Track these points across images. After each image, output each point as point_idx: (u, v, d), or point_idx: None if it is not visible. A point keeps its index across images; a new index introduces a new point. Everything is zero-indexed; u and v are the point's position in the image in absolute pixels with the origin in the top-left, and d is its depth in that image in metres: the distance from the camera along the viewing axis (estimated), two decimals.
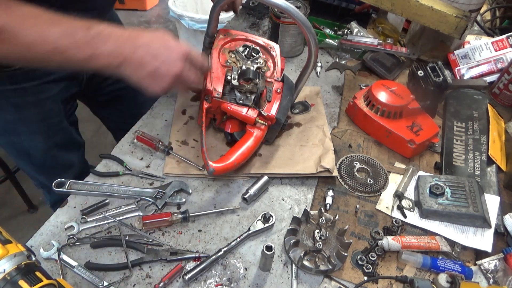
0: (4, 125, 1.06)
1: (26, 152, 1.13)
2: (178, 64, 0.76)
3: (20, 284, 0.58)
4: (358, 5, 1.48)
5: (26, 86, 0.98)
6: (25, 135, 1.08)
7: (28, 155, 1.14)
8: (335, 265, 0.81)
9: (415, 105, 1.09)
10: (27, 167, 1.22)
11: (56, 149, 1.16)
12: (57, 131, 1.14)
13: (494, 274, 0.84)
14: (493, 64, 1.29)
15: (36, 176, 1.26)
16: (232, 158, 0.90)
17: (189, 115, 1.13)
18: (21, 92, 0.99)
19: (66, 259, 0.81)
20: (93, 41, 0.71)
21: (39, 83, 1.01)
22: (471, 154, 1.06)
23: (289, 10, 0.87)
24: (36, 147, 1.12)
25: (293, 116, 1.15)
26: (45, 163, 1.17)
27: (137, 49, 0.74)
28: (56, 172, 1.18)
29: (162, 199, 0.92)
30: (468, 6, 1.20)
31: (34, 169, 1.21)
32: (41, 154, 1.14)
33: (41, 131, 1.10)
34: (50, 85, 1.04)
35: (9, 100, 1.00)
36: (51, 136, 1.13)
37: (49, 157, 1.16)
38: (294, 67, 1.35)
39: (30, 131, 1.08)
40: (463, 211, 0.90)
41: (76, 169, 1.25)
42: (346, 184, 1.00)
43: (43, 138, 1.11)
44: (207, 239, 0.87)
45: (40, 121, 1.07)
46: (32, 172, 1.24)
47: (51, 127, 1.12)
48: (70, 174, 1.23)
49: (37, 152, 1.13)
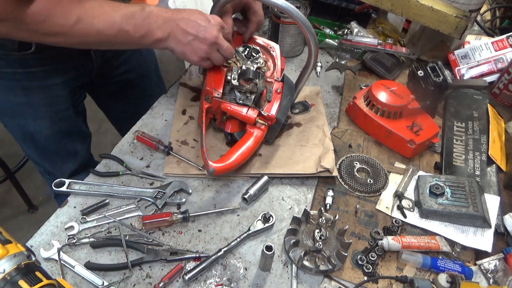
0: (12, 107, 1.09)
1: (31, 135, 1.15)
2: (214, 31, 0.86)
3: (20, 284, 0.58)
4: (358, 5, 1.48)
5: (35, 70, 1.02)
6: (31, 119, 1.11)
7: (32, 139, 1.17)
8: (335, 265, 0.81)
9: (415, 105, 1.09)
10: (30, 151, 1.25)
11: (61, 135, 1.18)
12: (63, 118, 1.17)
13: (494, 274, 0.84)
14: (493, 64, 1.29)
15: (39, 162, 1.28)
16: (232, 158, 0.90)
17: (189, 115, 1.13)
18: (30, 76, 1.02)
19: (66, 259, 0.81)
20: (147, 20, 0.83)
21: (49, 69, 1.04)
22: (471, 154, 1.06)
23: (289, 10, 0.87)
24: (40, 132, 1.14)
25: (293, 116, 1.15)
26: (48, 148, 1.20)
27: (180, 21, 0.85)
28: (59, 159, 1.23)
29: (162, 199, 0.92)
30: (468, 6, 1.20)
31: (37, 153, 1.24)
32: (45, 138, 1.16)
33: (46, 116, 1.12)
34: (59, 72, 1.07)
35: (19, 83, 1.03)
36: (56, 122, 1.15)
37: (52, 142, 1.18)
38: (294, 67, 1.35)
39: (36, 115, 1.11)
40: (463, 211, 0.90)
41: (80, 159, 1.27)
42: (346, 184, 1.00)
43: (48, 123, 1.14)
44: (207, 239, 0.87)
45: (46, 106, 1.10)
46: (35, 157, 1.26)
47: (57, 113, 1.14)
48: (74, 163, 1.26)
49: (41, 136, 1.16)
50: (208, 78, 0.95)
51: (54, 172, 1.28)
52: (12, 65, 0.99)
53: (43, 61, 0.89)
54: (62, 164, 1.26)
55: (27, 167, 2.32)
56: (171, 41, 0.87)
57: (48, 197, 2.35)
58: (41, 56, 0.85)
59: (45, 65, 1.02)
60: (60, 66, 1.06)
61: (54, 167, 1.27)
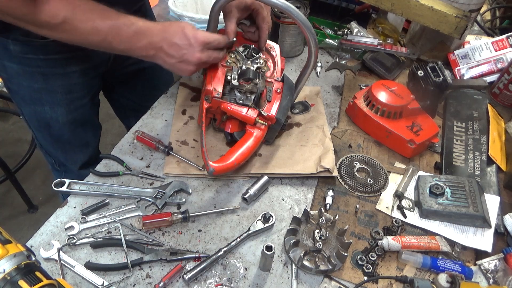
0: (31, 93, 1.11)
1: (47, 123, 1.18)
2: (196, 53, 0.87)
3: (20, 284, 0.58)
4: (358, 5, 1.48)
5: (56, 57, 1.05)
6: (48, 106, 1.14)
7: (47, 127, 1.19)
8: (335, 265, 0.81)
9: (415, 105, 1.09)
10: (44, 139, 1.27)
11: (75, 124, 1.21)
12: (79, 107, 1.19)
13: (494, 274, 0.84)
14: (493, 64, 1.29)
15: (52, 152, 1.30)
16: (232, 158, 0.90)
17: (189, 115, 1.13)
18: (51, 62, 1.05)
19: (66, 259, 0.81)
20: (132, 38, 0.85)
21: (68, 56, 1.06)
22: (471, 154, 1.06)
23: (289, 10, 0.87)
24: (56, 119, 1.17)
25: (293, 116, 1.15)
26: (62, 137, 1.22)
27: (163, 43, 0.86)
28: (72, 149, 1.27)
29: (162, 199, 0.92)
30: (468, 6, 1.20)
31: (51, 141, 1.26)
32: (60, 126, 1.19)
33: (63, 103, 1.15)
34: (78, 60, 1.09)
35: (40, 69, 1.06)
36: (72, 110, 1.18)
37: (67, 131, 1.21)
38: (294, 67, 1.35)
39: (54, 101, 1.13)
40: (463, 211, 0.90)
41: (91, 151, 1.31)
42: (346, 184, 1.00)
43: (64, 111, 1.16)
44: (207, 239, 0.87)
45: (64, 93, 1.13)
46: (49, 146, 1.28)
47: (73, 101, 1.17)
48: (85, 154, 1.30)
49: (57, 124, 1.18)
50: (208, 78, 0.95)
51: (65, 163, 1.32)
52: (34, 51, 1.01)
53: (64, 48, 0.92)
54: (74, 155, 1.29)
55: (27, 167, 2.32)
56: (157, 59, 0.90)
57: (48, 197, 2.35)
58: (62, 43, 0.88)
59: (65, 52, 1.04)
60: (79, 54, 1.08)
61: (66, 157, 1.30)
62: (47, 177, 2.41)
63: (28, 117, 1.20)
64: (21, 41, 0.98)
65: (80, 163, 1.30)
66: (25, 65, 1.05)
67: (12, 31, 0.95)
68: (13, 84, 1.11)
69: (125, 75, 1.35)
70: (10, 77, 1.09)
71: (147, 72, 1.35)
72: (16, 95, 1.14)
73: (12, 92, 1.14)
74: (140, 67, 1.33)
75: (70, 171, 1.33)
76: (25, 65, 1.05)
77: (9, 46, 0.99)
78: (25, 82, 1.09)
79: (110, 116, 2.53)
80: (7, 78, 1.10)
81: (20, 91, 1.12)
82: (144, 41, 0.86)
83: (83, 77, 1.14)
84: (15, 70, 1.05)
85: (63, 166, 1.33)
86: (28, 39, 0.97)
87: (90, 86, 1.20)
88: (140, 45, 0.86)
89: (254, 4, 0.98)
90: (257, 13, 0.99)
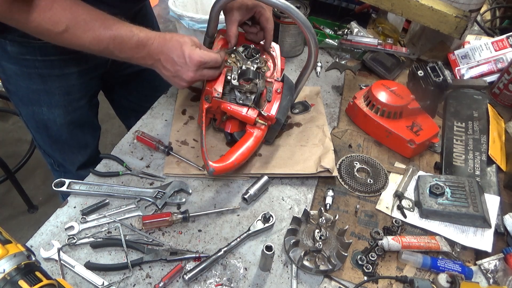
0: (29, 94, 1.11)
1: (45, 124, 1.18)
2: (190, 73, 0.88)
3: (20, 284, 0.58)
4: (358, 5, 1.48)
5: (54, 59, 1.05)
6: (46, 107, 1.14)
7: (45, 127, 1.19)
8: (335, 265, 0.81)
9: (415, 105, 1.09)
10: (43, 140, 1.27)
11: (73, 125, 1.21)
12: (77, 108, 1.19)
13: (494, 274, 0.84)
14: (493, 64, 1.29)
15: (50, 153, 1.30)
16: (232, 158, 0.90)
17: (189, 115, 1.13)
18: (49, 64, 1.05)
19: (66, 259, 0.81)
20: (133, 49, 0.87)
21: (67, 58, 1.06)
22: (471, 154, 1.06)
23: (289, 10, 0.87)
24: (54, 120, 1.17)
25: (293, 116, 1.15)
26: (60, 138, 1.22)
27: (161, 55, 0.88)
28: (70, 150, 1.27)
29: (162, 199, 0.92)
30: (468, 6, 1.20)
31: (49, 143, 1.26)
32: (58, 127, 1.19)
33: (61, 104, 1.15)
34: (77, 61, 1.09)
35: (38, 70, 1.06)
36: (70, 111, 1.17)
37: (65, 132, 1.21)
38: (294, 67, 1.35)
39: (52, 103, 1.13)
40: (463, 211, 0.90)
41: (90, 152, 1.31)
42: (346, 184, 1.00)
43: (62, 112, 1.16)
44: (207, 239, 0.87)
45: (62, 94, 1.13)
46: (47, 147, 1.28)
47: (71, 103, 1.17)
48: (83, 155, 1.30)
49: (55, 125, 1.18)
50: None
51: (64, 164, 1.32)
52: (32, 52, 1.01)
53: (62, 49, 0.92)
54: (72, 156, 1.29)
55: (27, 167, 2.32)
56: (155, 69, 0.92)
57: (48, 197, 2.35)
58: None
59: (63, 54, 1.04)
60: (77, 56, 1.07)
61: (64, 158, 1.30)
62: (47, 177, 2.41)
63: (26, 117, 1.20)
64: (18, 42, 0.98)
65: (79, 164, 1.30)
66: (22, 66, 1.04)
67: (10, 32, 0.95)
68: (11, 84, 1.11)
69: (125, 77, 1.34)
70: (8, 78, 1.09)
71: (147, 73, 1.35)
72: (14, 96, 1.14)
73: (10, 92, 1.14)
74: (140, 68, 1.32)
75: (69, 171, 1.33)
76: (23, 66, 1.04)
77: (7, 47, 0.99)
78: (23, 83, 1.09)
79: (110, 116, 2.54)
80: (5, 78, 1.10)
81: (18, 91, 1.12)
82: (143, 52, 0.87)
83: (81, 78, 1.13)
84: (13, 70, 1.05)
85: (62, 167, 1.33)
86: (26, 40, 0.97)
87: (88, 87, 1.19)
88: (140, 56, 0.88)
89: (256, 5, 0.97)
90: (260, 15, 0.99)
